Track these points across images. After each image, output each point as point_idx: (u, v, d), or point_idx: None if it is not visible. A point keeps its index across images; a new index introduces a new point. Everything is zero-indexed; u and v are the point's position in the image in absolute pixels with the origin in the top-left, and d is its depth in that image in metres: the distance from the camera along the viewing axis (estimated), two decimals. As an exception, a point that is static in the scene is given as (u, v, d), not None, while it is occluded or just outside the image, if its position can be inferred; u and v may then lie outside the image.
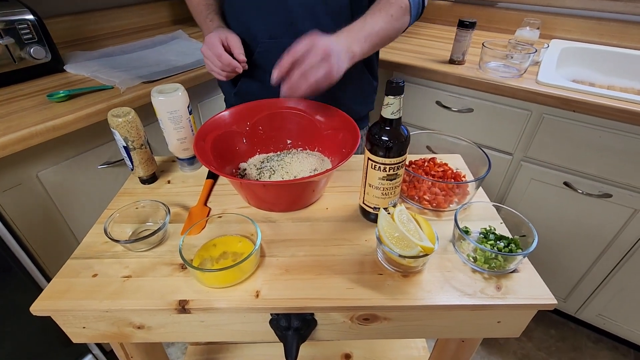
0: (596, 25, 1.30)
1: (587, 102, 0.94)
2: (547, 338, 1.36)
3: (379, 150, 0.51)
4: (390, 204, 0.56)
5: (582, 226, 1.12)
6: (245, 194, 0.63)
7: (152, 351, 0.65)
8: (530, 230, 0.53)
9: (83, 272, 0.52)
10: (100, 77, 0.99)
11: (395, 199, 0.57)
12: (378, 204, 0.56)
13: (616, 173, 1.00)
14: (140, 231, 0.60)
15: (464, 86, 1.11)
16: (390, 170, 0.52)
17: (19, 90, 0.94)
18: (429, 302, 0.48)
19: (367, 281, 0.50)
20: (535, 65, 1.14)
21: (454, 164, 0.70)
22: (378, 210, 0.55)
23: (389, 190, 0.55)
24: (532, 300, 0.48)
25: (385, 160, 0.51)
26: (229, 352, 0.98)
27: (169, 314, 0.49)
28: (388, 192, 0.55)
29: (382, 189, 0.54)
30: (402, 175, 0.55)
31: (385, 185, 0.54)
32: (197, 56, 1.16)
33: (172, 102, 0.63)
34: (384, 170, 0.52)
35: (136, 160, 0.65)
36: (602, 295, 1.19)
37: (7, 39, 0.91)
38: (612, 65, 1.22)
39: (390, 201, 0.56)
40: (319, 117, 0.71)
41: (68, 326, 0.51)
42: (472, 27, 1.10)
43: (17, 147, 0.76)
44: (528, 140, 1.09)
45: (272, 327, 0.51)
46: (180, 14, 1.60)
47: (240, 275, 0.50)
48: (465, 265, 0.53)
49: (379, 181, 0.53)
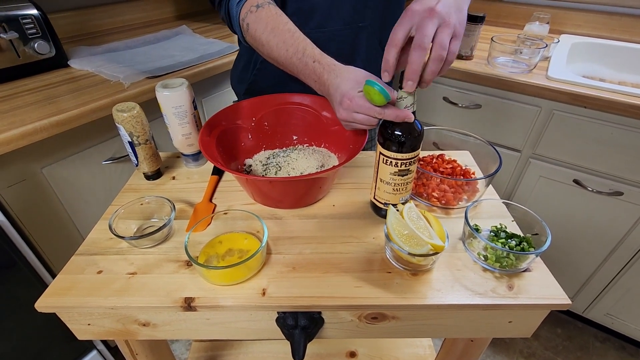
0: (607, 19, 1.27)
1: (598, 98, 0.92)
2: (554, 337, 1.34)
3: (392, 144, 0.50)
4: (401, 200, 0.55)
5: (591, 224, 1.10)
6: (251, 191, 0.62)
7: (157, 348, 0.65)
8: (544, 228, 0.51)
9: (88, 268, 0.51)
10: (105, 72, 0.99)
11: (406, 196, 0.55)
12: (389, 200, 0.55)
13: (627, 170, 0.98)
14: (145, 227, 0.59)
15: (472, 82, 1.09)
16: (402, 166, 0.51)
17: (23, 86, 0.93)
18: (439, 302, 0.47)
19: (376, 279, 0.49)
20: (545, 60, 1.12)
21: (463, 161, 0.69)
22: (388, 207, 0.54)
23: (401, 187, 0.53)
24: (545, 300, 0.47)
25: (397, 155, 0.50)
26: (233, 348, 0.98)
27: (174, 311, 0.48)
28: (399, 188, 0.53)
29: (394, 184, 0.53)
30: (414, 172, 0.53)
31: (397, 181, 0.53)
32: (201, 51, 1.15)
33: (177, 97, 0.62)
34: (395, 165, 0.51)
35: (141, 155, 0.64)
36: (611, 294, 1.17)
37: (11, 33, 0.91)
38: (624, 61, 1.20)
39: (402, 197, 0.55)
40: (326, 113, 0.70)
41: (73, 323, 0.50)
42: (480, 22, 1.08)
43: (21, 142, 0.75)
44: (537, 136, 1.07)
45: (278, 326, 0.51)
46: (184, 9, 1.59)
47: (247, 272, 0.49)
48: (476, 264, 0.52)
49: (391, 176, 0.52)
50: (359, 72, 0.54)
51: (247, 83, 0.80)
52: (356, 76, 0.53)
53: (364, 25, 0.68)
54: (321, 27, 0.67)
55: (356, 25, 0.68)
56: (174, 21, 1.52)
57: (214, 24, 1.47)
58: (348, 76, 0.54)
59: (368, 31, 0.70)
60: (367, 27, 0.69)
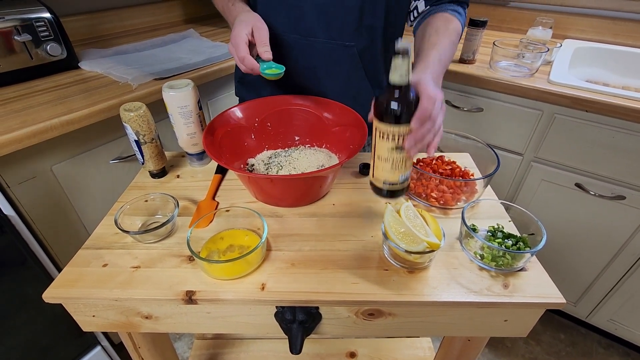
0: (611, 24, 1.27)
1: (600, 102, 0.92)
2: (557, 342, 1.33)
3: (387, 117, 0.48)
4: (400, 178, 0.52)
5: (594, 229, 1.10)
6: (253, 189, 0.64)
7: (159, 341, 0.66)
8: (539, 228, 0.52)
9: (94, 261, 0.53)
10: (114, 74, 1.02)
11: (406, 173, 0.52)
12: (388, 178, 0.52)
13: (630, 174, 0.98)
14: (149, 223, 0.61)
15: (474, 85, 1.10)
16: (400, 139, 0.48)
17: (35, 86, 0.96)
18: (435, 299, 0.48)
19: (373, 276, 0.50)
20: (547, 64, 1.12)
21: (462, 163, 0.69)
22: (389, 186, 0.52)
23: (399, 163, 0.51)
24: (540, 299, 0.48)
25: (394, 129, 0.48)
26: (234, 347, 0.99)
27: (176, 304, 0.50)
28: (398, 164, 0.51)
29: (392, 160, 0.50)
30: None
31: (395, 157, 0.50)
32: (207, 54, 1.17)
33: (183, 97, 0.64)
34: (393, 140, 0.48)
35: (147, 154, 0.66)
36: (614, 300, 1.16)
37: (25, 36, 0.94)
38: (628, 66, 1.20)
39: (401, 175, 0.52)
40: (327, 114, 0.71)
41: (78, 314, 0.52)
42: (482, 26, 1.09)
43: (32, 140, 0.78)
44: (539, 140, 1.07)
45: (277, 320, 0.52)
46: (192, 13, 1.62)
47: (247, 267, 0.50)
48: (472, 262, 0.53)
49: (388, 152, 0.50)
50: (250, 18, 0.65)
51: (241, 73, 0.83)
52: (247, 18, 0.65)
53: (350, 45, 0.70)
54: (309, 35, 0.70)
55: (342, 43, 0.70)
56: (182, 25, 1.55)
57: (221, 28, 1.50)
58: (243, 18, 0.65)
59: (352, 52, 0.71)
60: (353, 47, 0.71)
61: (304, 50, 0.71)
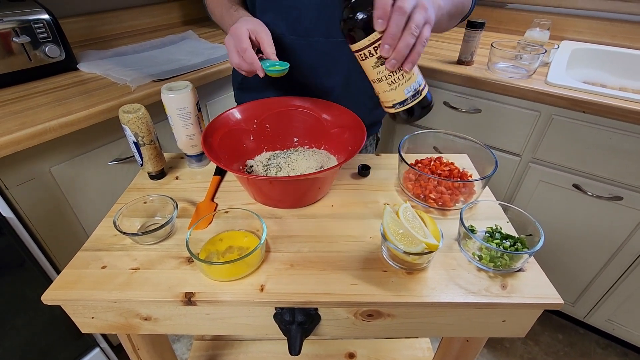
0: (608, 26, 1.28)
1: (597, 103, 0.93)
2: (555, 343, 1.34)
3: (353, 33, 0.45)
4: (406, 92, 0.48)
5: (591, 229, 1.10)
6: (251, 190, 0.64)
7: (158, 343, 0.66)
8: (537, 229, 0.52)
9: (93, 263, 0.53)
10: (112, 76, 1.02)
11: (410, 86, 0.48)
12: (395, 98, 0.49)
13: (627, 175, 0.99)
14: (148, 225, 0.61)
15: (472, 87, 1.10)
16: (375, 51, 0.45)
17: (33, 88, 0.96)
18: (433, 300, 0.48)
19: (371, 277, 0.51)
20: (545, 66, 1.13)
21: (461, 164, 0.70)
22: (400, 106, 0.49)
23: (395, 77, 0.47)
24: (538, 300, 0.48)
25: (363, 42, 0.44)
26: (233, 348, 0.99)
27: (175, 305, 0.50)
28: (394, 79, 0.47)
29: (385, 77, 0.47)
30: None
31: (385, 72, 0.47)
32: (206, 56, 1.18)
33: (181, 98, 0.64)
34: (370, 55, 0.45)
35: (146, 155, 0.66)
36: (612, 300, 1.17)
37: (23, 37, 0.94)
38: (625, 67, 1.21)
39: (406, 89, 0.48)
40: (326, 116, 0.72)
41: (77, 316, 0.52)
42: (480, 28, 1.10)
43: (31, 142, 0.78)
44: (537, 141, 1.08)
45: (276, 321, 0.52)
46: (191, 14, 1.62)
47: (246, 268, 0.50)
48: (471, 263, 0.53)
49: (378, 70, 0.46)
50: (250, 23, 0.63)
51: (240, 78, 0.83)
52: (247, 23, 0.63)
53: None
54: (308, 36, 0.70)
55: (342, 40, 0.70)
56: (180, 26, 1.55)
57: (220, 30, 1.50)
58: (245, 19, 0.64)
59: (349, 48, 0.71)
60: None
61: (303, 51, 0.72)
